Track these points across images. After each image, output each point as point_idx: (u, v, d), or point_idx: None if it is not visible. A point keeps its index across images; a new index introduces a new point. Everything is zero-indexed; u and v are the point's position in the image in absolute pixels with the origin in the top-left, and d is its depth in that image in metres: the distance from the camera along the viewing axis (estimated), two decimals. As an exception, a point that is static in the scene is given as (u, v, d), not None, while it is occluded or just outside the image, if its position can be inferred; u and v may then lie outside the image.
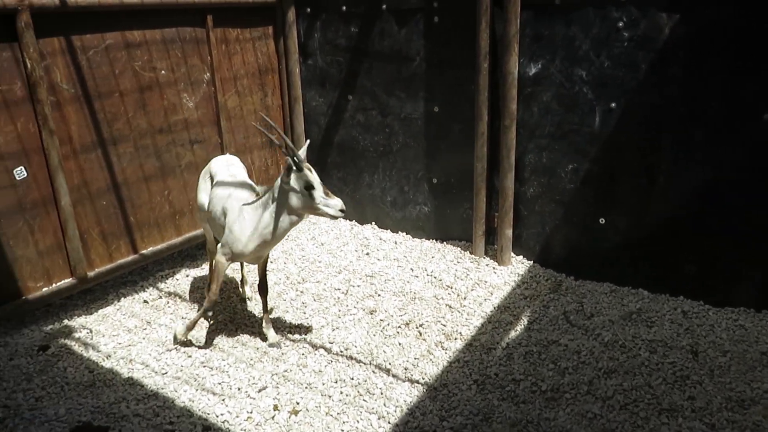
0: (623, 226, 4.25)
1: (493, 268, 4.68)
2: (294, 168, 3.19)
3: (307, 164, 3.23)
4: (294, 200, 3.26)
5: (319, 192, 3.20)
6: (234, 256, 3.51)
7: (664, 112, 3.93)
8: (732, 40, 3.62)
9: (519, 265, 4.70)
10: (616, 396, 3.17)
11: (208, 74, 4.76)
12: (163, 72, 4.44)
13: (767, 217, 3.74)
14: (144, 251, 4.49)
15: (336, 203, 3.22)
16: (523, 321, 3.92)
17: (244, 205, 3.44)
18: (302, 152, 3.29)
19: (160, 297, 4.38)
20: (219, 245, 3.58)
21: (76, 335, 3.87)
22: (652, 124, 4.00)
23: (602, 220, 4.32)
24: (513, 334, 3.79)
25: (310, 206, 3.23)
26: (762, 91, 3.59)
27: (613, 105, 4.09)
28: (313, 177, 3.21)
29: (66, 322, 4.01)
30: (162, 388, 3.34)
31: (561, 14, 4.13)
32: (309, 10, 5.27)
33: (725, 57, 3.66)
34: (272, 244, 3.49)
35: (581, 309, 4.03)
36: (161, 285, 4.54)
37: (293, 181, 3.22)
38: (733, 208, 3.82)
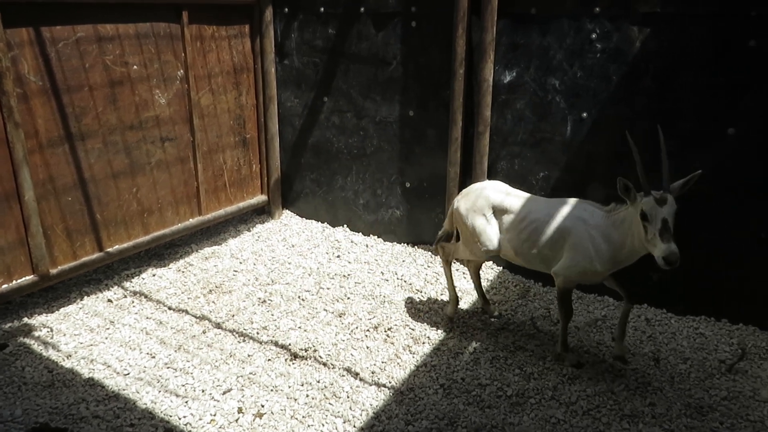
0: (591, 234, 4.30)
1: (464, 273, 4.70)
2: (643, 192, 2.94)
3: (667, 195, 2.90)
4: (627, 224, 3.07)
5: (653, 227, 2.87)
6: (584, 278, 3.28)
7: (633, 123, 3.99)
8: (701, 55, 3.71)
9: (488, 271, 4.72)
10: (579, 401, 3.21)
11: (181, 71, 4.70)
12: (135, 67, 4.36)
13: (729, 229, 3.83)
14: (110, 249, 4.40)
15: (663, 248, 2.82)
16: (491, 326, 3.95)
17: (606, 212, 3.21)
18: (678, 183, 2.98)
19: (125, 296, 4.30)
20: (558, 270, 3.31)
21: (36, 334, 3.77)
22: (622, 135, 4.05)
23: (571, 228, 4.36)
24: (480, 339, 3.81)
25: (640, 237, 2.98)
26: (728, 105, 3.69)
27: (585, 115, 4.14)
28: (656, 210, 2.86)
29: (26, 320, 3.91)
30: (124, 390, 3.28)
31: (537, 24, 4.18)
32: (287, 9, 5.24)
33: (694, 72, 3.74)
34: (618, 266, 3.23)
35: (548, 315, 4.07)
36: (126, 284, 4.46)
37: (636, 204, 2.98)
38: (697, 220, 3.90)
